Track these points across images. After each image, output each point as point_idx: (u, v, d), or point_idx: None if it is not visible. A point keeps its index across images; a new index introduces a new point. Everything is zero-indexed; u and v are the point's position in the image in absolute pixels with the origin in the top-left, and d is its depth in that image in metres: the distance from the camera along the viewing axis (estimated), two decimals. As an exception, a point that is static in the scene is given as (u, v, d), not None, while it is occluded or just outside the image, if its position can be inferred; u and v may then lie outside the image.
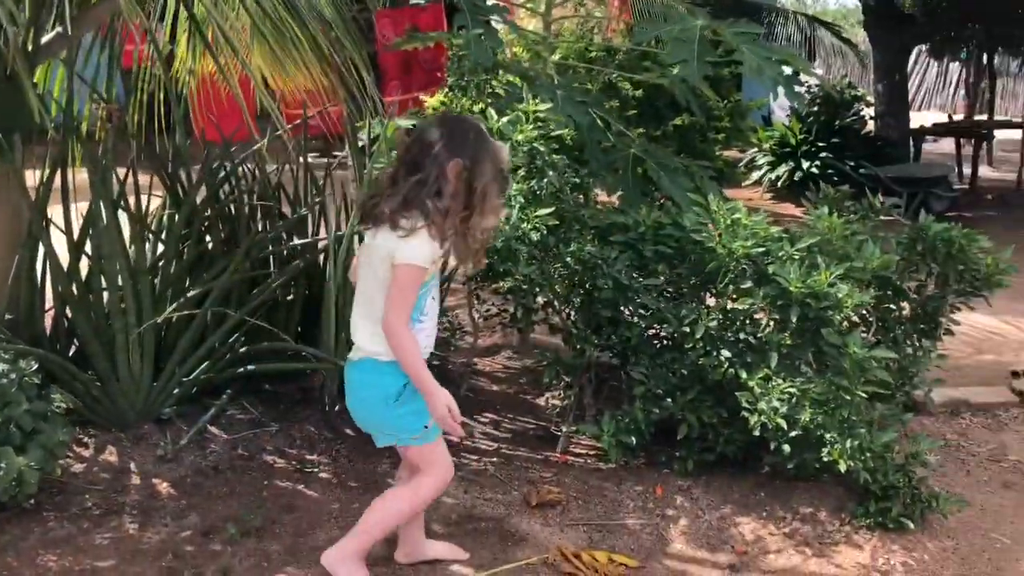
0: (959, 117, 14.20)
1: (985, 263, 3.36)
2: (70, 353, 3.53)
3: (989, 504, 3.27)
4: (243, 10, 3.22)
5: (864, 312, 3.44)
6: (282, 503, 3.11)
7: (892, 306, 3.48)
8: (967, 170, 11.15)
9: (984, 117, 13.07)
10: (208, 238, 3.77)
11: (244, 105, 3.50)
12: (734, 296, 3.22)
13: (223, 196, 3.85)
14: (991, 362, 4.76)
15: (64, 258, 3.40)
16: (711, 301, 3.38)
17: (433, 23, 5.01)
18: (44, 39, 3.34)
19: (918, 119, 13.11)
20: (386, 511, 2.60)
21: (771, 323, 3.21)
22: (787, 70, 3.55)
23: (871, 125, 10.52)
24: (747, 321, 3.24)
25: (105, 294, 3.42)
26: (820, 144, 9.67)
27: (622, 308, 3.38)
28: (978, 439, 3.79)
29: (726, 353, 3.14)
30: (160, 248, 3.75)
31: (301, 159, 3.97)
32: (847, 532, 3.05)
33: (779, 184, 9.79)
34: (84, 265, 3.51)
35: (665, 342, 3.43)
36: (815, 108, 10.00)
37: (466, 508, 3.11)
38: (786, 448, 3.05)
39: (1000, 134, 12.49)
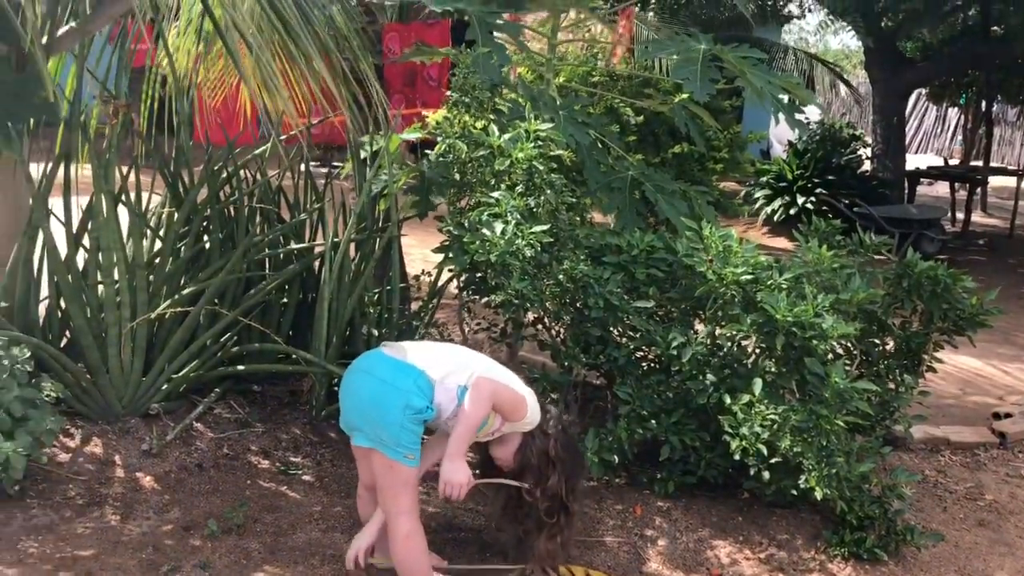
0: (955, 162, 14.35)
1: (969, 303, 3.41)
2: (62, 344, 3.56)
3: (963, 541, 3.31)
4: (258, 15, 3.27)
5: (849, 345, 3.49)
6: (264, 503, 3.13)
7: (876, 340, 3.53)
8: (960, 215, 11.27)
9: (980, 163, 13.21)
10: (206, 238, 3.81)
11: (264, 106, 3.54)
12: (722, 323, 3.26)
13: (223, 197, 3.90)
14: (976, 404, 4.81)
15: (63, 250, 3.43)
16: (699, 326, 3.43)
17: (439, 40, 5.09)
18: (59, 32, 3.40)
19: (914, 162, 13.24)
20: (408, 564, 2.54)
21: (757, 350, 3.25)
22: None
23: (867, 165, 10.63)
24: (734, 347, 3.29)
25: (100, 287, 3.46)
26: (816, 180, 9.76)
27: (611, 328, 3.42)
28: (956, 477, 3.83)
29: (711, 378, 3.18)
30: (158, 245, 3.79)
31: (302, 166, 4.03)
32: (821, 560, 3.08)
33: (775, 218, 9.87)
34: (81, 258, 3.55)
35: (652, 364, 3.47)
36: (813, 144, 10.10)
37: (447, 518, 3.14)
38: (765, 474, 3.09)
39: (995, 181, 12.63)
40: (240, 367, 3.63)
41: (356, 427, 2.58)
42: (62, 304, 3.53)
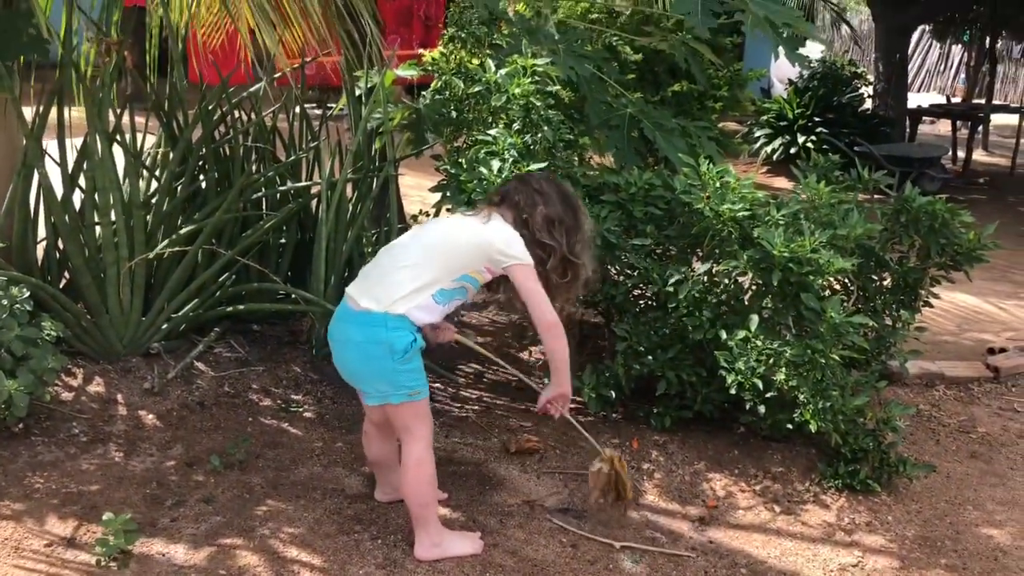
0: (958, 100, 14.20)
1: (967, 238, 3.41)
2: (61, 284, 3.57)
3: (955, 472, 3.36)
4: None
5: (846, 280, 3.50)
6: (266, 439, 3.18)
7: (873, 276, 3.54)
8: (962, 153, 11.19)
9: (983, 101, 13.07)
10: (202, 177, 3.79)
11: (257, 45, 3.49)
12: (719, 259, 3.27)
13: (218, 137, 3.87)
14: (972, 340, 4.83)
15: (58, 190, 3.42)
16: (696, 264, 3.43)
17: (435, -25, 5.00)
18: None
19: (916, 100, 13.11)
20: (415, 489, 2.57)
21: (754, 287, 3.27)
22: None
23: (869, 103, 10.52)
24: (731, 284, 3.30)
25: (98, 227, 3.46)
26: (817, 119, 9.68)
27: (609, 266, 3.43)
28: (949, 411, 3.87)
29: (708, 314, 3.19)
30: (154, 185, 3.77)
31: (297, 107, 3.99)
32: (816, 492, 3.13)
33: (774, 158, 9.81)
34: (78, 198, 3.54)
35: (649, 301, 3.49)
36: (814, 83, 9.99)
37: (447, 452, 3.18)
38: (761, 408, 3.12)
39: (997, 119, 12.50)
40: (240, 307, 3.65)
41: (360, 389, 2.64)
42: (60, 244, 3.54)
